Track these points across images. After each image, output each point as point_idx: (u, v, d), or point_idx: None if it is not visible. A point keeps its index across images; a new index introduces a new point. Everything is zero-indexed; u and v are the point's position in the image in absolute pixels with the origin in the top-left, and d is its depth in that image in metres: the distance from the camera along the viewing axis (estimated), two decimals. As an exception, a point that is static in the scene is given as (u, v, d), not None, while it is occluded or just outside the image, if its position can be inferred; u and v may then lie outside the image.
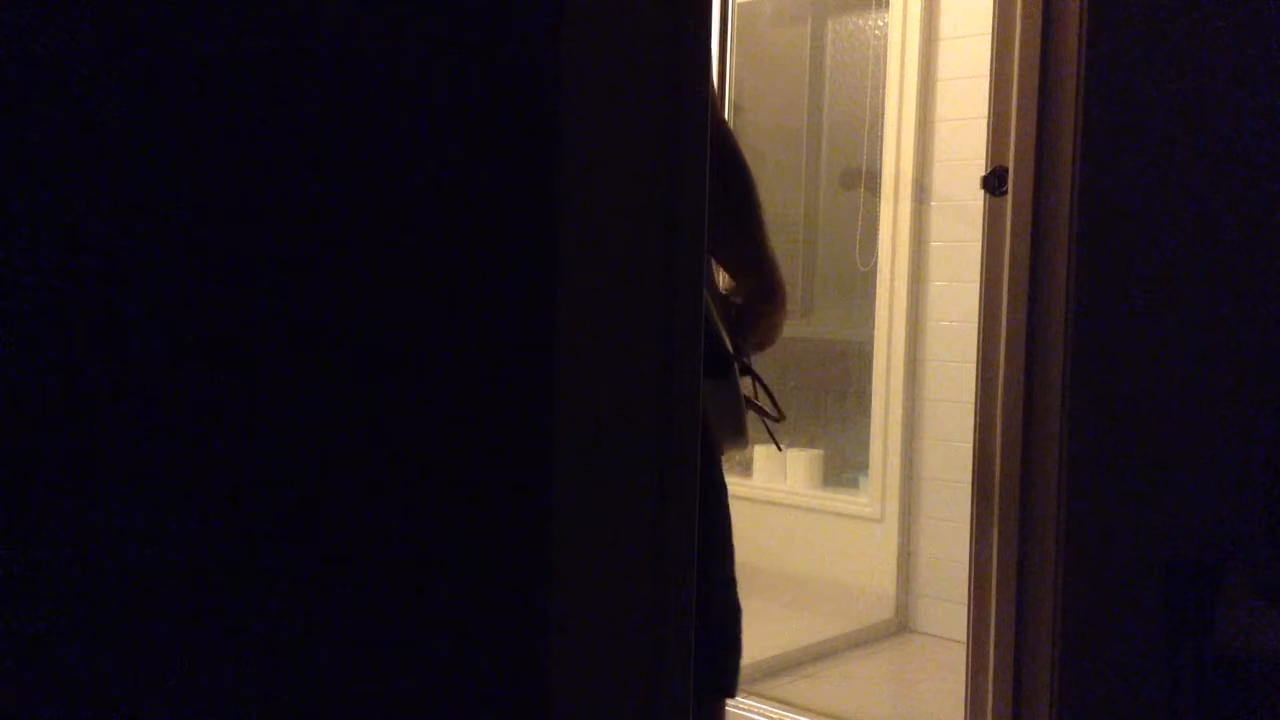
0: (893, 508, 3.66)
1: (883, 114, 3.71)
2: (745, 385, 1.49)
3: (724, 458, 1.48)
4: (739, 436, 1.46)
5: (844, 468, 3.94)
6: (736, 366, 1.44)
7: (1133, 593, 2.10)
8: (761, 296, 1.45)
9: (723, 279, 1.48)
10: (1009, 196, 1.88)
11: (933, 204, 3.62)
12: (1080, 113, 1.81)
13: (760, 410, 1.52)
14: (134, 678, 0.86)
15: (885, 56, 3.70)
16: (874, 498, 3.72)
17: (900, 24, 3.63)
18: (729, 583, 1.46)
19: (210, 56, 0.82)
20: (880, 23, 3.77)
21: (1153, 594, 2.15)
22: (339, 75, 0.80)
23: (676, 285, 0.83)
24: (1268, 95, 2.34)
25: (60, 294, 0.86)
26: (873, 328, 3.72)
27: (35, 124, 0.87)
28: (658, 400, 0.82)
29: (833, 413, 3.97)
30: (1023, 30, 1.84)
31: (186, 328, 0.84)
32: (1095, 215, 1.85)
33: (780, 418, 1.55)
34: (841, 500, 3.82)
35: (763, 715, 2.72)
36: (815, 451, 3.92)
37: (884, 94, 3.70)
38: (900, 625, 3.64)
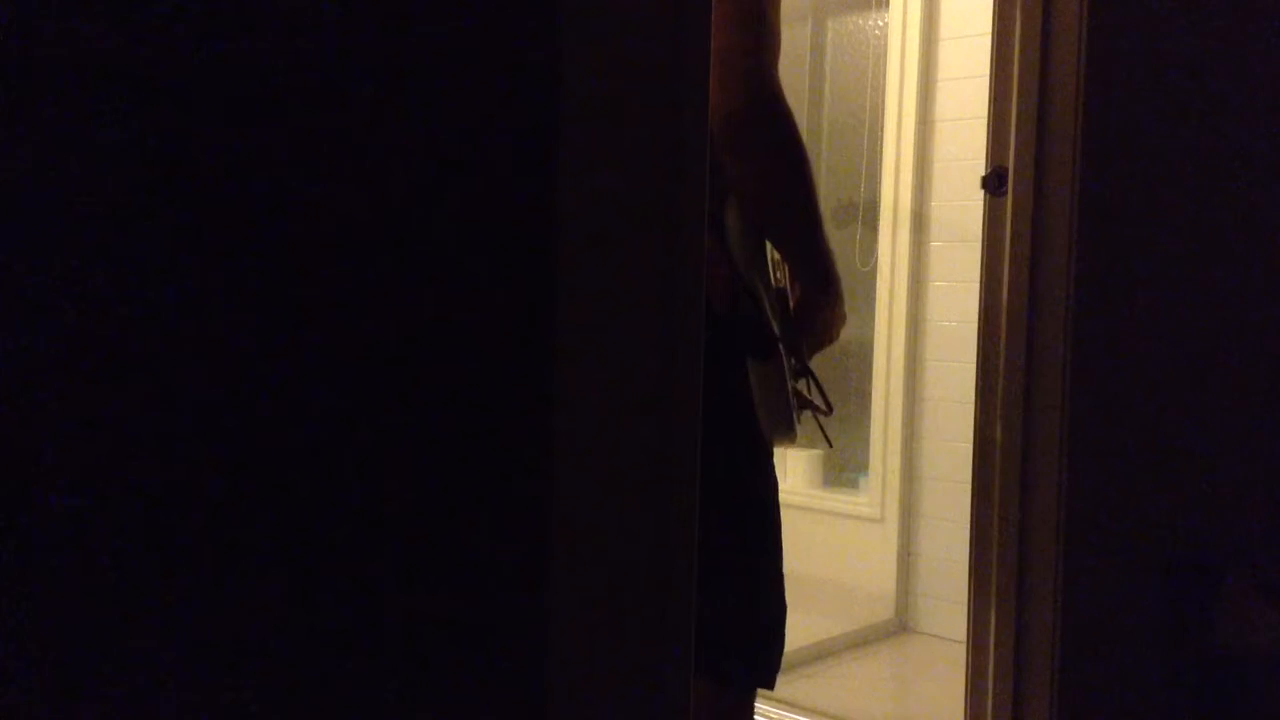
0: (893, 508, 3.66)
1: (883, 114, 3.71)
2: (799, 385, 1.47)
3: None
4: (788, 429, 1.45)
5: (844, 468, 3.94)
6: (790, 361, 1.42)
7: (1133, 593, 2.10)
8: (818, 287, 1.44)
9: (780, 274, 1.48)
10: (1009, 196, 1.87)
11: (933, 204, 3.62)
12: (1080, 113, 1.81)
13: (811, 405, 1.51)
14: (133, 676, 0.86)
15: (885, 56, 3.70)
16: (874, 498, 3.72)
17: (900, 24, 3.63)
18: (779, 579, 1.47)
19: (211, 61, 0.82)
20: (880, 23, 3.76)
21: (1153, 594, 2.14)
22: (340, 75, 0.80)
23: (677, 283, 0.83)
24: (1268, 94, 2.34)
25: (62, 295, 0.86)
26: (873, 328, 3.72)
27: (37, 125, 0.87)
28: (659, 395, 0.82)
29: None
30: (1023, 30, 1.84)
31: (188, 329, 0.84)
32: (1095, 215, 1.85)
33: (829, 411, 1.53)
34: (841, 500, 3.82)
35: (763, 715, 2.72)
36: (815, 451, 3.92)
37: (884, 94, 3.70)
38: (900, 625, 3.64)
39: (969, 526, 1.98)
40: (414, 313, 0.79)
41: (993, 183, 1.90)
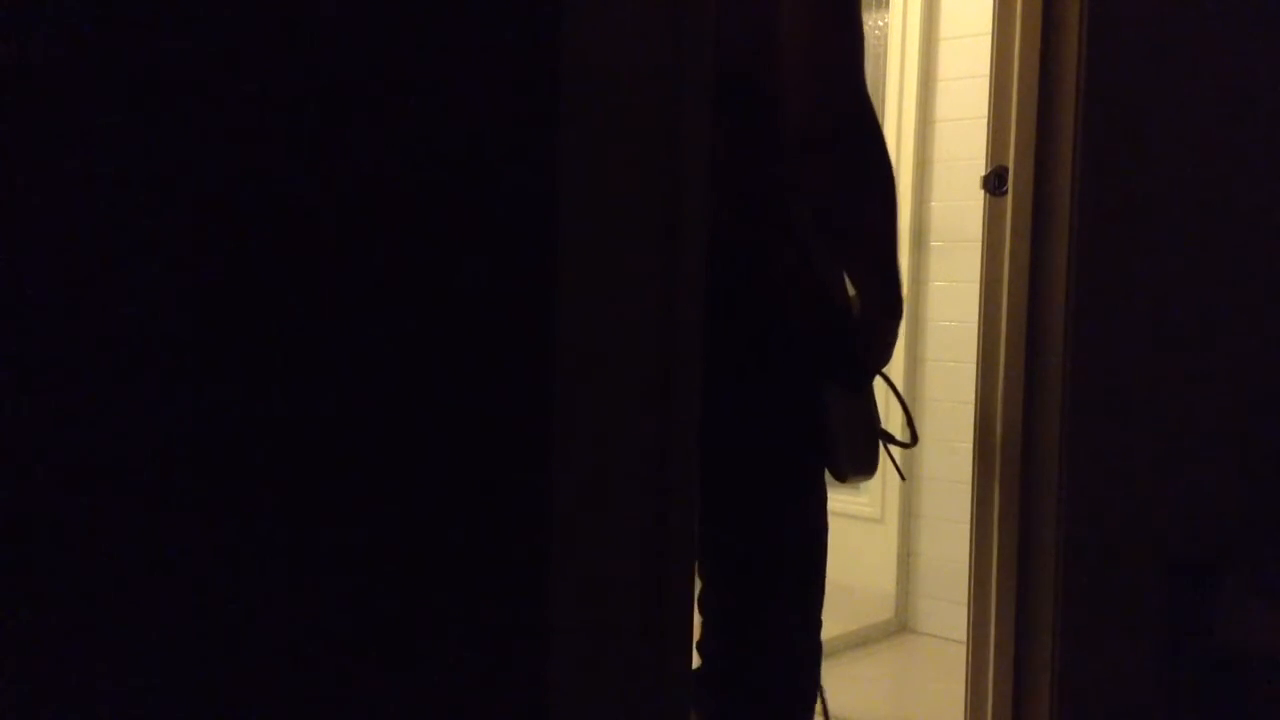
0: (893, 508, 3.66)
1: (883, 114, 3.71)
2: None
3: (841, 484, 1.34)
4: (868, 465, 1.32)
5: (844, 468, 3.93)
6: (867, 382, 1.28)
7: (1133, 592, 2.10)
8: (886, 310, 1.34)
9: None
10: (1009, 196, 1.87)
11: (932, 204, 3.62)
12: (1080, 113, 1.81)
13: (889, 437, 1.36)
14: (131, 675, 0.86)
15: (885, 56, 3.70)
16: (874, 498, 3.72)
17: (900, 24, 3.63)
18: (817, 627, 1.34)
19: (213, 61, 0.82)
20: (880, 23, 3.76)
21: (1153, 594, 2.14)
22: (341, 74, 0.80)
23: (677, 284, 0.83)
24: (1268, 94, 2.34)
25: (63, 295, 0.86)
26: (873, 328, 3.71)
27: (37, 126, 0.87)
28: (659, 398, 0.82)
29: (833, 413, 3.96)
30: (1023, 30, 1.84)
31: (187, 329, 0.84)
32: (1095, 215, 1.85)
33: (913, 443, 1.39)
34: (841, 500, 3.82)
35: (763, 715, 2.71)
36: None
37: (884, 94, 3.70)
38: (900, 625, 3.64)
39: (969, 526, 1.98)
40: (413, 317, 0.79)
41: (993, 183, 1.90)
